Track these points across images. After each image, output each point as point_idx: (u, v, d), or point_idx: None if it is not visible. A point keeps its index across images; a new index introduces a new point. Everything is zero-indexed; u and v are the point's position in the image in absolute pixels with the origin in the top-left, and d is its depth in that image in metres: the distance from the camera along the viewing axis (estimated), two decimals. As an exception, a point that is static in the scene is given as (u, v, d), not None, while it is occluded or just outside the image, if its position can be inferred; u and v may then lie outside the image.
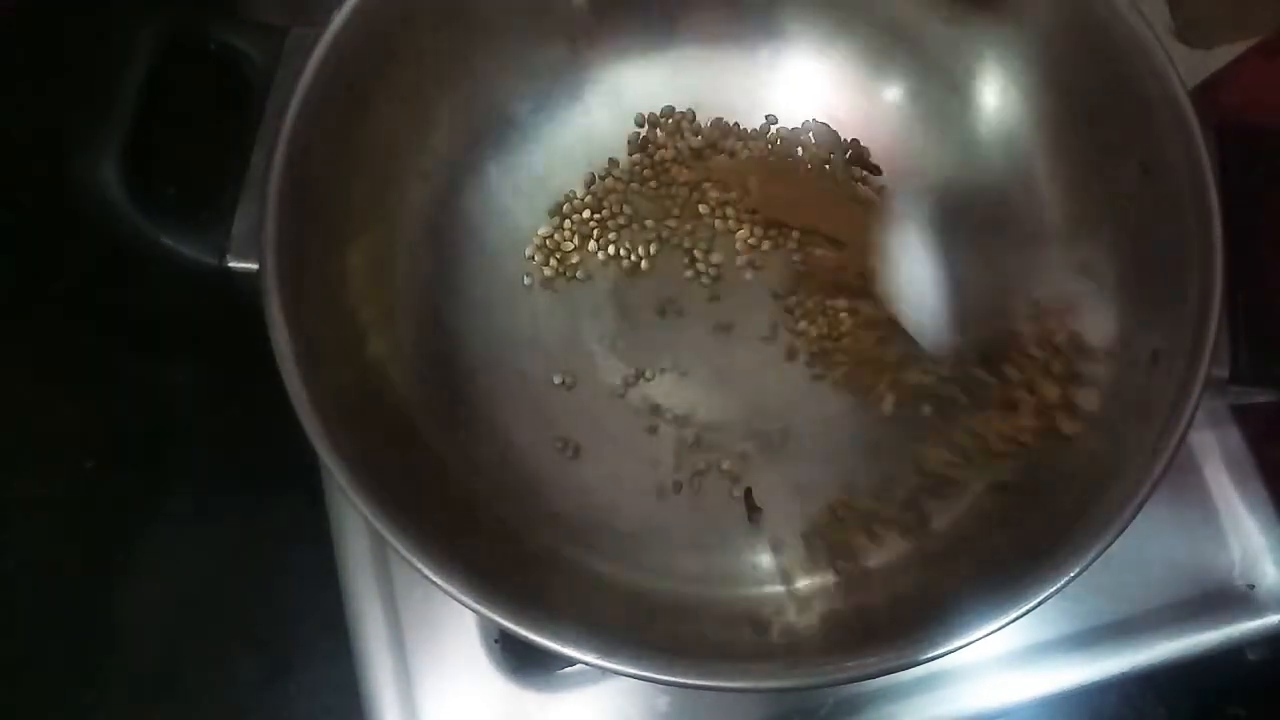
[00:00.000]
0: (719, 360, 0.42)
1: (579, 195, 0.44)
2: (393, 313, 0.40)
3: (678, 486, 0.41)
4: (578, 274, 0.43)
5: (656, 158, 0.44)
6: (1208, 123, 0.35)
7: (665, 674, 0.30)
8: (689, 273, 0.44)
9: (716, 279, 0.43)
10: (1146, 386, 0.34)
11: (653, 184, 0.44)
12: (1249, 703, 0.46)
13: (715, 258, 0.43)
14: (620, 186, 0.44)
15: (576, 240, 0.44)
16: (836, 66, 0.44)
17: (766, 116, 0.45)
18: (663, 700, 0.41)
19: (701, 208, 0.44)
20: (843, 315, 0.42)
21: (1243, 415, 0.46)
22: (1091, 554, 0.31)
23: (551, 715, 0.41)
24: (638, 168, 0.44)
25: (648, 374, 0.42)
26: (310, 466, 0.38)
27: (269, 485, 0.46)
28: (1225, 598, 0.44)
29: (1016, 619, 0.30)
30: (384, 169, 0.40)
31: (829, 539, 0.39)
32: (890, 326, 0.40)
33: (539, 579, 0.36)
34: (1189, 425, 0.32)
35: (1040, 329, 0.38)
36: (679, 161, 0.44)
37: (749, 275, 0.44)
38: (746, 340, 0.43)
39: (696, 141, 0.44)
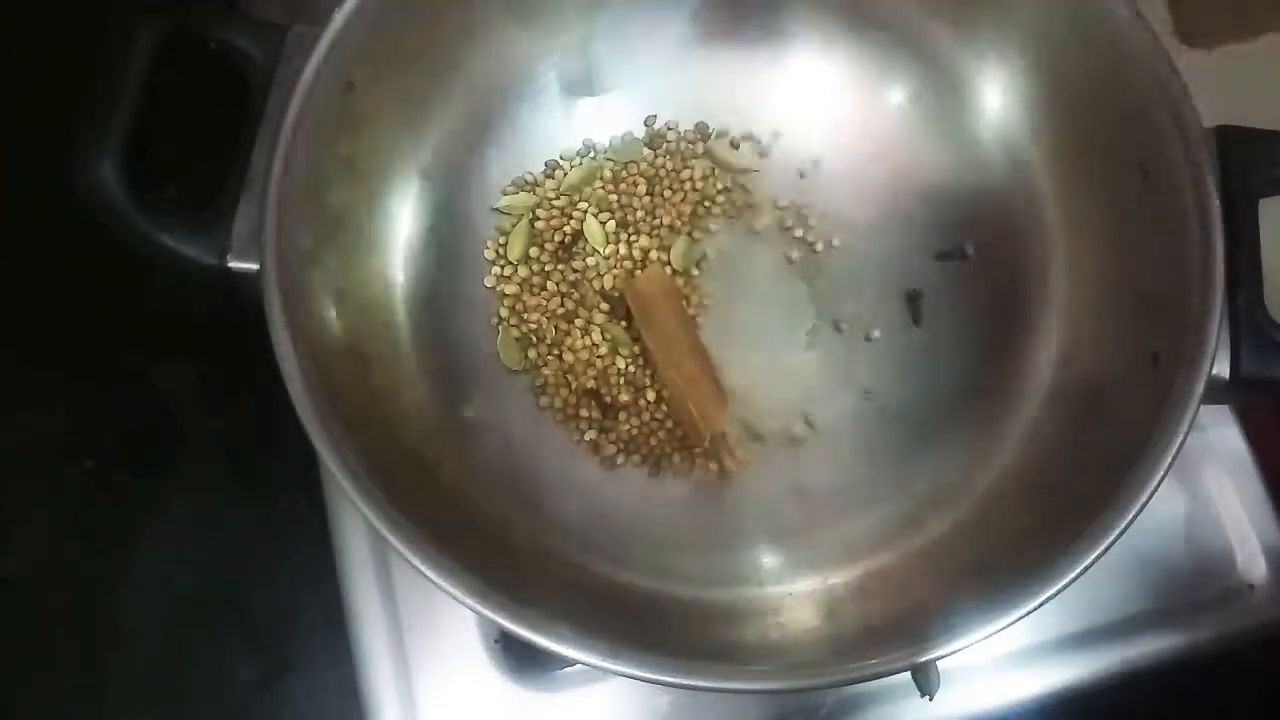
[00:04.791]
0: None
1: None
2: (393, 312, 0.40)
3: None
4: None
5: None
6: (1208, 123, 0.35)
7: (665, 674, 0.30)
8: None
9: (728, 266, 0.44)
10: (1147, 386, 0.34)
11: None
12: (1249, 703, 0.46)
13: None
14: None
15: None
16: (838, 67, 0.44)
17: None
18: (663, 700, 0.41)
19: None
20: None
21: (1243, 415, 0.46)
22: (1093, 555, 0.31)
23: (551, 715, 0.41)
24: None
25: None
26: (310, 466, 0.38)
27: (269, 485, 0.46)
28: (1225, 598, 0.44)
29: (1017, 620, 0.30)
30: (384, 168, 0.40)
31: None
32: None
33: (539, 579, 0.36)
34: (1189, 425, 0.32)
35: None
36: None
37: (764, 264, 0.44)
38: (768, 335, 0.43)
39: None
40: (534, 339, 0.42)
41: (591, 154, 0.44)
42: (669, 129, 0.45)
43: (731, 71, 0.45)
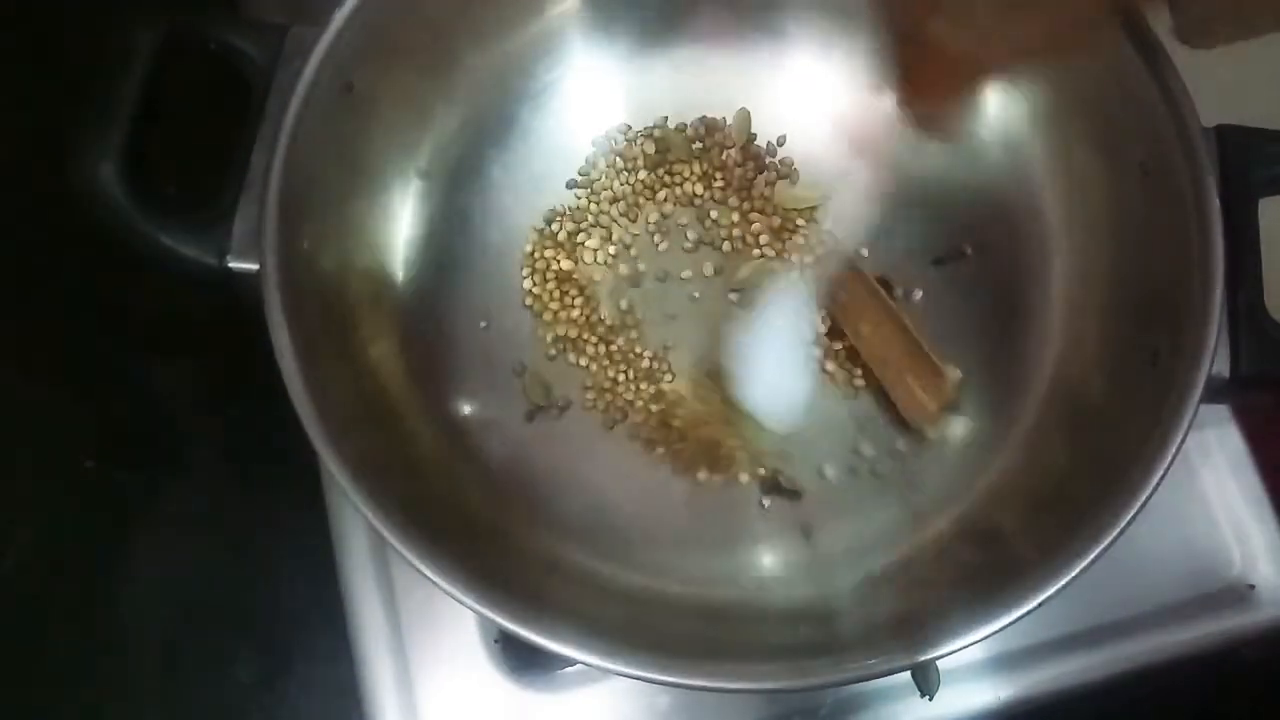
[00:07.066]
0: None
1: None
2: (392, 313, 0.40)
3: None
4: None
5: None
6: (1207, 123, 0.35)
7: (665, 674, 0.30)
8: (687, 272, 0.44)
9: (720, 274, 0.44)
10: (1147, 386, 0.34)
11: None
12: (1248, 703, 0.46)
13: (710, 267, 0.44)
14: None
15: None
16: (837, 67, 0.44)
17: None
18: (663, 700, 0.41)
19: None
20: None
21: (1243, 415, 0.46)
22: (1092, 554, 0.31)
23: (551, 715, 0.41)
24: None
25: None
26: (310, 466, 0.38)
27: (269, 485, 0.46)
28: (1225, 598, 0.44)
29: (1017, 620, 0.30)
30: (384, 168, 0.40)
31: None
32: None
33: (539, 579, 0.36)
34: (1189, 425, 0.32)
35: None
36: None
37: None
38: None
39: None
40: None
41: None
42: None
43: (731, 72, 0.45)
